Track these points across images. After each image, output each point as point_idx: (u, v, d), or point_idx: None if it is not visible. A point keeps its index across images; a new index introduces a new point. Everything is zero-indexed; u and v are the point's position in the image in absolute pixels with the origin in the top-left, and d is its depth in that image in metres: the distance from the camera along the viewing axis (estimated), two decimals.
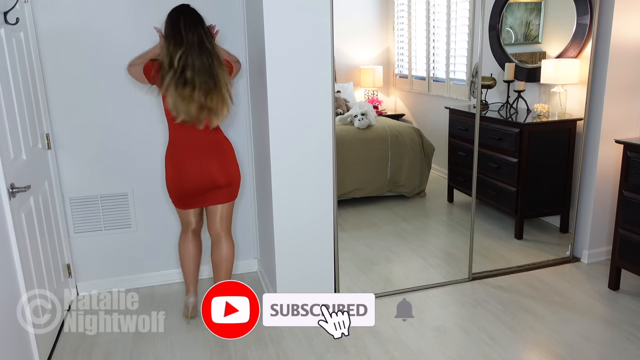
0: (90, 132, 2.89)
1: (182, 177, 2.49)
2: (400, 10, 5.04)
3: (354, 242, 3.61)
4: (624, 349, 2.42)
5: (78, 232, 2.99)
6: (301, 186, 2.67)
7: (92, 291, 3.01)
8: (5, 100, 2.13)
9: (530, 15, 3.71)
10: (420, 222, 4.10)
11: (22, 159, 2.30)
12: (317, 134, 2.63)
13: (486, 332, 2.57)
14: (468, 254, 3.10)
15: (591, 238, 3.28)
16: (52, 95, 2.79)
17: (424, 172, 4.40)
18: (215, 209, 2.62)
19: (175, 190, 2.55)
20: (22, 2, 2.52)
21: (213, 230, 2.66)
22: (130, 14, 2.82)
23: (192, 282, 2.75)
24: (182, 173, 2.49)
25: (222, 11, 2.94)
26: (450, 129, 4.08)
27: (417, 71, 4.92)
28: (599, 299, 2.87)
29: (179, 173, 2.50)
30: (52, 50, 2.74)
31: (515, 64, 3.73)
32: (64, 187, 2.91)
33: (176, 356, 2.46)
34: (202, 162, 2.47)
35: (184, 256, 2.73)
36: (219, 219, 2.63)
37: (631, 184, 2.81)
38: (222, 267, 2.67)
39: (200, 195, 2.54)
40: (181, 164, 2.48)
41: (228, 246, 2.68)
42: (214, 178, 2.50)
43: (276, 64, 2.50)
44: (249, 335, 2.45)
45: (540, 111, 3.57)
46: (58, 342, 2.58)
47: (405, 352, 2.43)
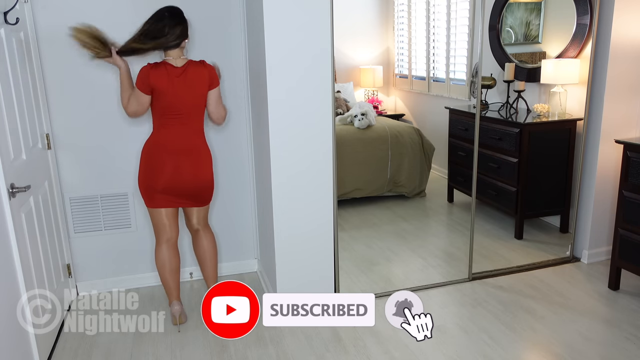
0: (90, 132, 2.89)
1: (154, 172, 2.49)
2: (400, 10, 5.04)
3: (354, 242, 3.61)
4: (624, 349, 2.42)
5: (78, 232, 2.99)
6: (301, 186, 2.67)
7: (92, 291, 3.02)
8: (5, 100, 2.13)
9: (530, 15, 3.71)
10: (420, 222, 4.10)
11: (22, 159, 2.30)
12: (317, 134, 2.63)
13: (486, 332, 2.57)
14: (468, 254, 3.10)
15: (591, 238, 3.28)
16: (52, 95, 2.79)
17: (424, 172, 4.40)
18: (190, 210, 2.68)
19: (146, 185, 2.52)
20: (22, 2, 2.52)
21: (190, 226, 2.74)
22: (131, 13, 2.81)
23: (173, 293, 2.69)
24: (154, 168, 2.49)
25: (222, 11, 2.94)
26: (450, 129, 4.08)
27: (417, 71, 4.92)
28: (599, 299, 2.87)
29: (152, 168, 2.49)
30: (52, 50, 2.74)
31: (515, 64, 3.73)
32: (64, 187, 2.91)
33: (176, 356, 2.46)
34: (176, 161, 2.48)
35: (162, 270, 2.64)
36: (195, 219, 2.70)
37: (631, 184, 2.81)
38: (206, 257, 2.74)
39: (169, 194, 2.52)
40: (155, 159, 2.49)
41: (208, 237, 2.74)
42: (184, 181, 2.51)
43: (276, 64, 2.50)
44: (249, 335, 2.45)
45: (540, 111, 3.57)
46: (58, 342, 2.58)
47: (405, 352, 2.43)
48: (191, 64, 2.47)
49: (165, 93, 2.41)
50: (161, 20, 2.39)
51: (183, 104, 2.45)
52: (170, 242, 2.64)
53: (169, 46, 2.42)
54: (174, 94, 2.43)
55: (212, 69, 2.53)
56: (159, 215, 2.58)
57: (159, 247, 2.64)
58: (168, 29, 2.39)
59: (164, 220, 2.59)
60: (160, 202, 2.54)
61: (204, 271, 2.78)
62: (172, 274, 2.66)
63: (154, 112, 2.50)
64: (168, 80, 2.41)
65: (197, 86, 2.47)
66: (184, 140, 2.50)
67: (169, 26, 2.39)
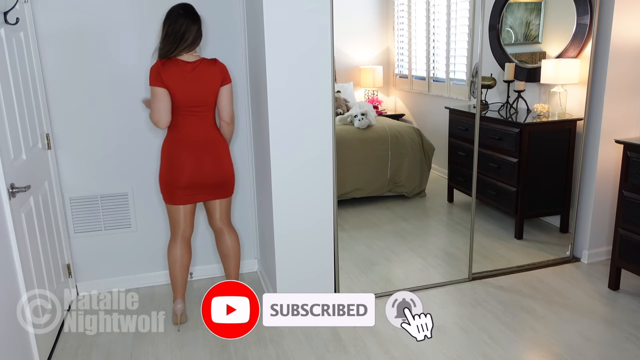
0: (90, 132, 2.89)
1: (176, 169, 2.51)
2: (400, 10, 5.04)
3: (354, 242, 3.61)
4: (624, 349, 2.42)
5: (78, 232, 2.99)
6: (301, 186, 2.67)
7: (92, 291, 3.02)
8: (5, 100, 2.13)
9: (530, 15, 3.71)
10: (420, 222, 4.10)
11: (22, 159, 2.30)
12: (317, 134, 2.63)
13: (486, 332, 2.57)
14: (468, 254, 3.10)
15: (591, 238, 3.28)
16: (52, 95, 2.79)
17: (424, 172, 4.40)
18: (212, 205, 2.67)
19: (168, 183, 2.54)
20: (22, 2, 2.52)
21: (214, 225, 2.73)
22: (131, 13, 2.82)
23: (179, 289, 2.70)
24: (176, 165, 2.50)
25: (223, 12, 2.94)
26: (450, 129, 4.08)
27: (417, 71, 4.92)
28: (599, 299, 2.87)
29: (173, 165, 2.51)
30: (52, 50, 2.74)
31: (515, 64, 3.73)
32: (64, 187, 2.91)
33: (176, 356, 2.46)
34: (197, 157, 2.50)
35: (173, 263, 2.67)
36: (218, 214, 2.69)
37: (631, 184, 2.81)
38: (230, 256, 2.75)
39: (191, 189, 2.54)
40: (176, 156, 2.50)
41: (232, 236, 2.74)
42: (206, 175, 2.53)
43: (276, 64, 2.50)
44: (249, 335, 2.45)
45: (540, 111, 3.57)
46: (58, 342, 2.58)
47: (405, 352, 2.43)
48: (203, 61, 2.49)
49: (177, 88, 2.42)
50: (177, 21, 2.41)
51: (196, 98, 2.46)
52: (184, 238, 2.67)
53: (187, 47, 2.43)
54: (186, 89, 2.43)
55: (224, 66, 2.54)
56: (177, 212, 2.60)
57: (173, 243, 2.67)
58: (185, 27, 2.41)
59: (181, 217, 2.62)
60: (180, 199, 2.56)
61: (227, 269, 2.79)
62: (182, 270, 2.69)
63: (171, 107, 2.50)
64: (179, 76, 2.42)
65: (210, 82, 2.47)
66: (201, 134, 2.51)
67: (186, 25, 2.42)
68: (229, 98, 2.55)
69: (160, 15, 2.44)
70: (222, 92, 2.53)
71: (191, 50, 2.46)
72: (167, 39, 2.41)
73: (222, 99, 2.54)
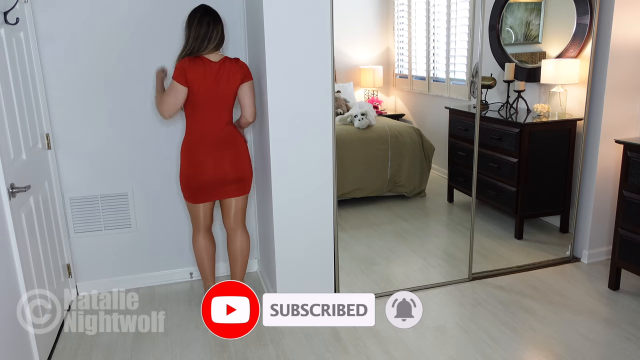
0: (90, 132, 2.89)
1: (196, 170, 2.55)
2: (400, 10, 5.04)
3: (354, 242, 3.61)
4: (624, 349, 2.42)
5: (78, 232, 2.99)
6: (301, 186, 2.67)
7: (92, 291, 3.02)
8: (5, 100, 2.13)
9: (530, 15, 3.71)
10: (420, 222, 4.10)
11: (22, 159, 2.30)
12: (317, 134, 2.63)
13: (486, 332, 2.57)
14: (468, 254, 3.10)
15: (591, 238, 3.28)
16: (52, 95, 2.79)
17: (424, 172, 4.40)
18: (229, 203, 2.69)
19: (189, 183, 2.60)
20: (22, 2, 2.52)
21: (228, 224, 2.76)
22: (131, 13, 2.81)
23: (209, 277, 2.81)
24: (196, 166, 2.55)
25: (223, 11, 2.94)
26: (450, 129, 4.08)
27: (417, 71, 4.92)
28: (599, 299, 2.87)
29: (194, 166, 2.56)
30: (52, 50, 2.74)
31: (515, 64, 3.73)
32: (64, 187, 2.91)
33: (176, 356, 2.46)
34: (216, 156, 2.54)
35: (198, 253, 2.79)
36: (232, 213, 2.72)
37: (631, 184, 2.81)
38: (237, 258, 2.78)
39: (212, 188, 2.60)
40: (196, 157, 2.54)
41: (243, 238, 2.77)
42: (225, 172, 2.58)
43: (276, 64, 2.51)
44: (249, 335, 2.45)
45: (540, 111, 3.57)
46: (58, 342, 2.58)
47: (405, 352, 2.43)
48: (227, 60, 2.51)
49: (200, 86, 2.45)
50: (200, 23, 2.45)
51: (217, 98, 2.49)
52: (206, 228, 2.77)
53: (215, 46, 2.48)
54: (209, 88, 2.46)
55: (245, 65, 2.57)
56: (197, 209, 2.69)
57: (197, 235, 2.76)
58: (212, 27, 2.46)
59: (201, 213, 2.71)
60: (201, 198, 2.63)
61: (233, 270, 2.82)
62: (209, 259, 2.78)
63: (187, 108, 2.54)
64: (204, 75, 2.45)
65: (231, 80, 2.50)
66: (220, 132, 2.54)
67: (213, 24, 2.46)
68: (251, 95, 2.57)
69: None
70: (243, 89, 2.55)
71: (217, 49, 2.50)
72: (194, 38, 2.44)
73: (244, 97, 2.56)
